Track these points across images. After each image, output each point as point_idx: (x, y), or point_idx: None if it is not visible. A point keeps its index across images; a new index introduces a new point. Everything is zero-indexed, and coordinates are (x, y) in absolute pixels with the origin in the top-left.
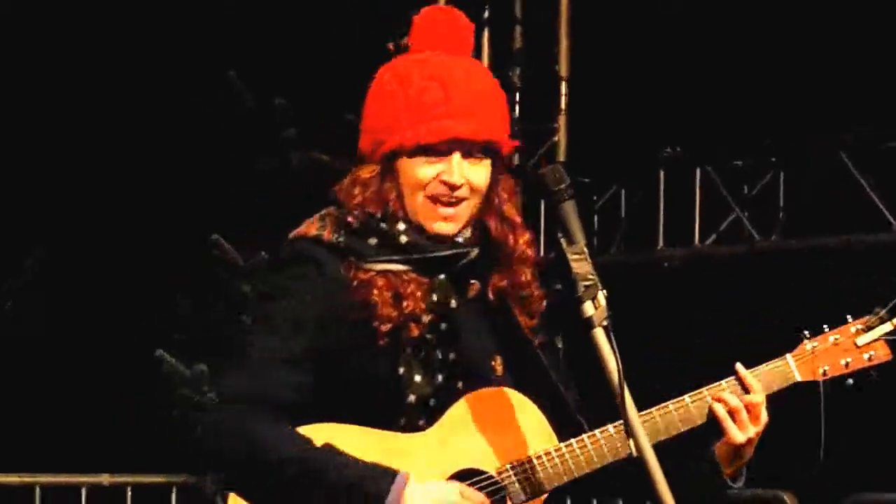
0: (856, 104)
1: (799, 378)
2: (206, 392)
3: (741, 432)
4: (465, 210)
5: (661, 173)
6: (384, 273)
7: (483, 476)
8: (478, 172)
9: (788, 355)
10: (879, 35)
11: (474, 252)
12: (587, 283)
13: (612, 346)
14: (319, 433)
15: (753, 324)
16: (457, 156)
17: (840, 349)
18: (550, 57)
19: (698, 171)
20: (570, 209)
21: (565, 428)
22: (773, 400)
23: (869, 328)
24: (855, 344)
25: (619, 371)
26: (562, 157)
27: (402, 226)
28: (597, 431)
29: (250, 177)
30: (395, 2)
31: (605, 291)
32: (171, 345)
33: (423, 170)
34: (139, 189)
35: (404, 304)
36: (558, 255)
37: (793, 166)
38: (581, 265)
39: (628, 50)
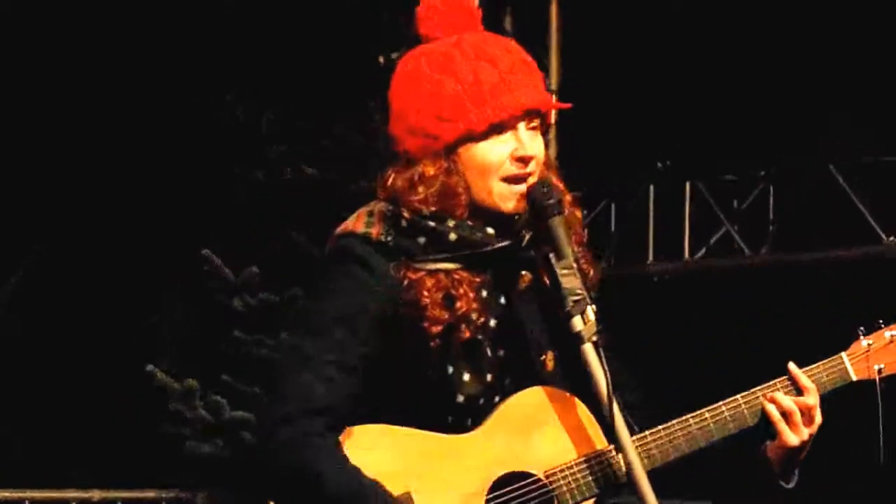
0: (845, 119)
1: (855, 378)
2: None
3: (795, 435)
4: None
5: (652, 187)
6: (434, 273)
7: (530, 480)
8: (539, 143)
9: (843, 353)
10: (869, 51)
11: (527, 237)
12: (576, 297)
13: (601, 361)
14: (366, 435)
15: (744, 337)
16: (522, 128)
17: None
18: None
19: (688, 186)
20: (559, 224)
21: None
22: None
23: None
24: None
25: (608, 386)
26: None
27: (451, 223)
28: (647, 433)
29: (240, 190)
30: (384, 17)
31: (594, 306)
32: (162, 359)
33: (496, 149)
34: (130, 202)
35: (456, 305)
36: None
37: (782, 181)
38: (570, 280)
39: (618, 64)
